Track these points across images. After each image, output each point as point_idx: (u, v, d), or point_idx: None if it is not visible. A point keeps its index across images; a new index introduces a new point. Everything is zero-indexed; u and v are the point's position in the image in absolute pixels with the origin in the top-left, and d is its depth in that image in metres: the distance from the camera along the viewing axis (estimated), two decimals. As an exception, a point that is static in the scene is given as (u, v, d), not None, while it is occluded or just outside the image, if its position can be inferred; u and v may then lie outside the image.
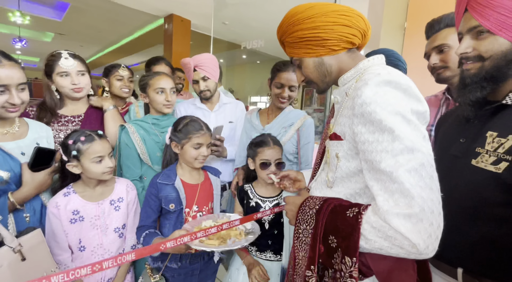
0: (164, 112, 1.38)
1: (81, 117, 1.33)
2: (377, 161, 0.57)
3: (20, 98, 0.98)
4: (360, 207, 0.61)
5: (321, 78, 0.77)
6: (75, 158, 1.02)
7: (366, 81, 0.61)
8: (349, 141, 0.67)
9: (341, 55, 0.74)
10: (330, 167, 0.75)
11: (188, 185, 1.18)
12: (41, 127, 1.16)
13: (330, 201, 0.68)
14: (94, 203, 1.09)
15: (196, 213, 1.18)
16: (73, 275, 0.63)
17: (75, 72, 1.26)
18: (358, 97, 0.61)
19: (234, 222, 0.88)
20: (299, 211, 0.73)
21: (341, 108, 0.72)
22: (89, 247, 1.08)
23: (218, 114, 1.65)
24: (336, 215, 0.64)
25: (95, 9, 5.21)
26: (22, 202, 1.01)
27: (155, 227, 1.16)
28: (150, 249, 0.74)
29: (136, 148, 1.29)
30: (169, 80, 1.37)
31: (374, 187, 0.59)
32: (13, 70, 0.95)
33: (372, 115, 0.58)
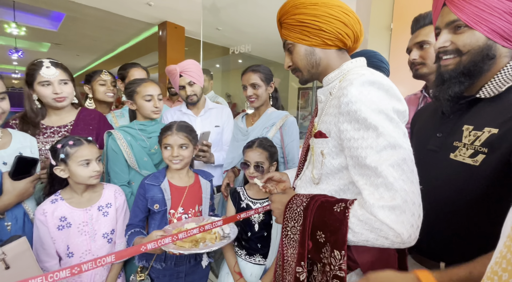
0: (153, 118, 1.40)
1: (67, 127, 1.33)
2: (363, 156, 0.60)
3: (1, 108, 1.00)
4: (346, 201, 0.64)
5: (308, 68, 0.78)
6: (62, 161, 1.03)
7: (351, 81, 0.64)
8: (334, 138, 0.69)
9: (332, 52, 0.76)
10: (315, 164, 0.77)
11: (175, 187, 1.20)
12: (24, 137, 1.17)
13: (317, 197, 0.70)
14: (81, 209, 1.10)
15: (182, 214, 1.19)
16: (52, 278, 0.63)
17: (57, 81, 1.25)
18: (344, 96, 0.63)
19: (217, 223, 0.88)
20: (286, 209, 0.74)
21: (325, 107, 0.75)
22: (77, 253, 1.08)
23: (204, 119, 1.69)
24: (324, 210, 0.66)
25: (91, 18, 5.26)
26: (3, 211, 1.02)
27: (142, 226, 1.18)
28: (130, 251, 0.74)
29: (123, 153, 1.30)
30: (156, 87, 1.39)
31: (359, 181, 0.62)
32: None
33: (357, 114, 0.61)
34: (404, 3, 2.23)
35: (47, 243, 1.04)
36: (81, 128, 1.36)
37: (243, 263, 1.24)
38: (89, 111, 1.44)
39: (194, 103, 1.65)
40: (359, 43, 0.79)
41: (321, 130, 0.73)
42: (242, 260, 1.24)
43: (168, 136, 1.19)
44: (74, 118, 1.37)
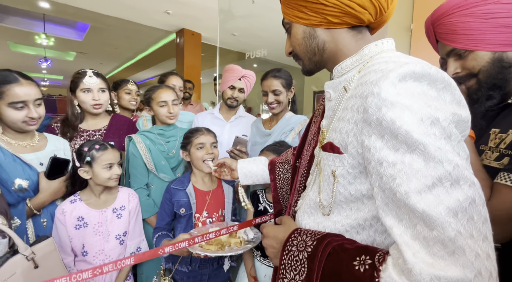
0: (168, 123, 1.44)
1: (101, 132, 1.43)
2: (402, 192, 0.40)
3: (37, 113, 1.07)
4: (373, 255, 0.44)
5: (308, 54, 0.60)
6: (88, 163, 1.10)
7: (384, 72, 0.43)
8: (354, 156, 0.49)
9: (341, 32, 0.56)
10: (322, 187, 0.57)
11: (200, 191, 1.23)
12: (58, 140, 1.26)
13: (327, 239, 0.50)
14: (97, 210, 1.15)
15: (206, 218, 1.21)
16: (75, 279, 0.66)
17: (97, 89, 1.37)
18: (372, 95, 0.43)
19: (233, 227, 0.89)
20: (283, 251, 0.55)
21: (338, 109, 0.55)
22: (91, 252, 1.13)
23: (233, 126, 1.71)
24: (338, 264, 0.46)
25: (113, 28, 5.51)
26: (39, 208, 1.09)
27: (168, 229, 1.21)
28: (148, 254, 0.76)
29: (142, 157, 1.35)
30: (171, 93, 1.43)
31: (395, 229, 0.42)
32: (30, 88, 1.05)
33: (395, 125, 0.40)
34: (425, 2, 2.16)
35: (64, 241, 1.10)
36: (112, 132, 1.45)
37: (258, 264, 1.25)
38: (120, 117, 1.53)
39: (231, 107, 1.68)
40: (388, 15, 0.56)
41: (332, 141, 0.53)
42: (257, 260, 1.25)
43: (201, 136, 1.23)
44: (107, 124, 1.46)
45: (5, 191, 1.00)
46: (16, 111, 1.03)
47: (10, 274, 0.81)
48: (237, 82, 1.63)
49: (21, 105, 1.03)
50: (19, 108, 1.03)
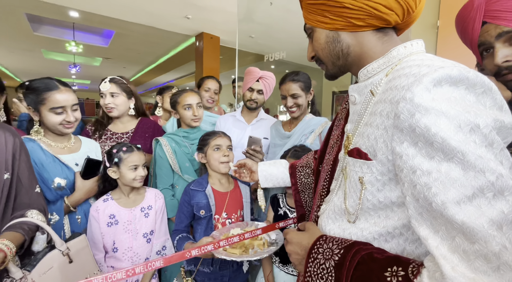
0: (193, 126, 1.47)
1: (129, 134, 1.51)
2: (439, 202, 0.37)
3: (74, 117, 1.16)
4: (406, 266, 0.41)
5: (331, 59, 0.58)
6: (116, 164, 1.16)
7: (417, 76, 0.41)
8: (383, 163, 0.47)
9: (366, 34, 0.54)
10: (348, 193, 0.55)
11: (218, 193, 1.25)
12: (91, 142, 1.35)
13: (356, 248, 0.48)
14: (127, 209, 1.21)
15: (225, 219, 1.23)
16: (110, 279, 0.70)
17: (109, 93, 1.44)
18: (405, 101, 0.41)
19: (256, 231, 0.89)
20: (309, 258, 0.54)
21: (364, 114, 0.54)
22: (121, 249, 1.19)
23: (254, 129, 1.73)
24: (368, 275, 0.44)
25: (136, 33, 5.74)
26: (75, 205, 1.17)
27: (187, 231, 1.23)
28: (176, 257, 0.78)
29: (168, 159, 1.39)
30: (195, 96, 1.47)
31: (431, 240, 0.39)
32: (68, 94, 1.14)
33: (430, 132, 0.38)
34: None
35: (97, 237, 1.16)
36: (139, 135, 1.52)
37: (276, 271, 1.24)
38: (147, 121, 1.60)
39: (251, 108, 1.70)
40: (416, 15, 0.54)
41: (359, 147, 0.52)
42: (276, 267, 1.24)
43: (218, 138, 1.26)
44: (135, 127, 1.54)
45: (46, 188, 1.08)
46: (56, 115, 1.11)
47: (48, 268, 0.86)
48: (255, 84, 1.65)
49: (60, 110, 1.12)
50: (58, 113, 1.11)
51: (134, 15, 4.69)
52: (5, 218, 0.80)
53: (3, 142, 0.80)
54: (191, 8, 4.39)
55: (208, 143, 1.25)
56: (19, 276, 0.77)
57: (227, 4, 4.14)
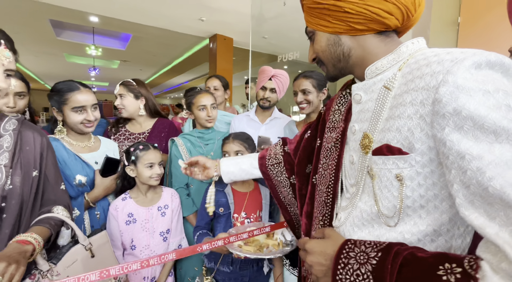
0: (207, 126, 1.50)
1: (145, 134, 1.56)
2: (497, 187, 0.35)
3: (94, 116, 1.21)
4: (461, 262, 0.39)
5: (333, 61, 0.59)
6: (133, 162, 1.20)
7: (457, 61, 0.41)
8: (424, 153, 0.45)
9: (368, 37, 0.55)
10: (380, 195, 0.52)
11: (238, 193, 1.27)
12: (109, 142, 1.40)
13: (394, 249, 0.45)
14: (145, 208, 1.24)
15: (244, 219, 1.25)
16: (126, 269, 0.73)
17: (118, 95, 1.53)
18: (447, 84, 0.40)
19: (265, 229, 0.90)
20: (337, 265, 0.49)
21: (383, 108, 0.52)
22: (139, 247, 1.22)
23: (268, 128, 1.73)
24: (417, 276, 0.41)
25: (151, 36, 5.90)
26: (94, 201, 1.22)
27: (208, 228, 1.26)
28: (188, 250, 0.81)
29: (183, 158, 1.42)
30: (210, 97, 1.49)
31: (489, 228, 0.37)
32: (88, 95, 1.20)
33: (480, 112, 0.37)
34: (475, -7, 1.98)
35: (116, 235, 1.20)
36: (155, 135, 1.57)
37: (287, 273, 1.24)
38: (163, 121, 1.64)
39: (265, 107, 1.71)
40: (415, 18, 0.55)
41: (389, 143, 0.49)
42: (286, 269, 1.24)
43: (226, 144, 1.28)
44: (151, 127, 1.59)
45: (68, 185, 1.14)
46: (77, 114, 1.17)
47: (72, 261, 0.91)
48: (267, 83, 1.66)
49: (81, 109, 1.17)
50: (79, 112, 1.17)
51: (151, 18, 4.82)
52: (33, 213, 0.84)
53: (32, 141, 0.85)
54: (206, 10, 4.46)
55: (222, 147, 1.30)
56: (46, 268, 0.81)
57: (240, 6, 4.18)
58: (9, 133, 0.80)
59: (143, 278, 1.23)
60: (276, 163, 0.95)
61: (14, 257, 0.66)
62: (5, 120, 0.82)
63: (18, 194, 0.78)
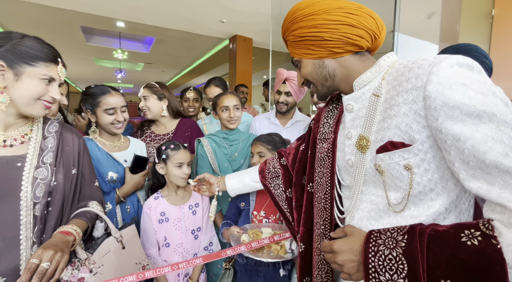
0: (229, 127, 1.51)
1: (169, 135, 1.63)
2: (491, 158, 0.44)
3: (123, 117, 1.30)
4: (477, 227, 0.45)
5: (321, 81, 0.69)
6: (163, 160, 1.25)
7: (435, 64, 0.49)
8: (424, 141, 0.52)
9: (347, 58, 0.65)
10: (391, 186, 0.58)
11: (261, 191, 1.29)
12: (137, 142, 1.48)
13: (418, 229, 0.50)
14: (176, 207, 1.29)
15: (263, 218, 1.27)
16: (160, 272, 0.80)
17: (142, 98, 1.61)
18: (432, 83, 0.48)
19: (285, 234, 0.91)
20: (366, 256, 0.53)
21: (376, 113, 0.60)
22: (172, 244, 1.27)
23: (289, 131, 1.70)
24: (445, 247, 0.46)
25: (174, 39, 6.09)
26: (125, 196, 1.30)
27: (234, 219, 1.32)
28: (213, 255, 0.87)
29: (208, 158, 1.47)
30: (233, 98, 1.50)
31: (492, 193, 0.45)
32: (118, 97, 1.29)
33: (463, 102, 0.46)
34: (510, -17, 1.85)
35: (150, 233, 1.26)
36: (179, 135, 1.64)
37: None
38: (185, 121, 1.70)
39: (282, 112, 1.69)
40: (380, 40, 0.67)
41: (392, 140, 0.56)
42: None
43: (253, 146, 1.34)
44: (175, 127, 1.66)
45: (101, 181, 1.22)
46: (109, 116, 1.26)
47: (106, 252, 0.98)
48: (281, 86, 1.62)
49: (112, 111, 1.26)
50: (110, 114, 1.26)
51: (173, 22, 4.98)
52: (72, 207, 0.92)
53: (71, 142, 0.93)
54: (226, 12, 4.53)
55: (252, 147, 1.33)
56: (84, 257, 0.88)
57: (260, 7, 4.20)
58: (52, 135, 0.88)
59: (177, 274, 1.28)
60: (275, 176, 1.02)
61: (59, 245, 0.73)
62: (48, 123, 0.90)
63: (61, 189, 0.85)
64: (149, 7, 4.31)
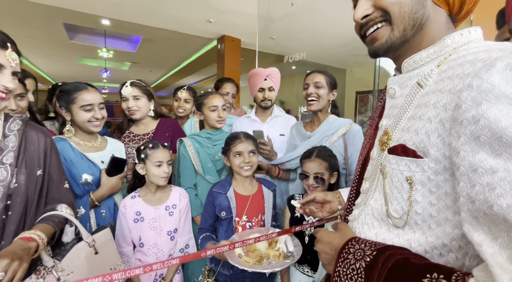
0: (217, 127, 1.50)
1: (149, 135, 1.58)
2: (504, 205, 0.33)
3: (101, 114, 1.24)
4: (449, 274, 0.37)
5: (407, 22, 0.49)
6: (142, 160, 1.22)
7: (489, 62, 0.36)
8: (438, 160, 0.43)
9: (442, 13, 0.50)
10: (390, 195, 0.51)
11: (240, 196, 1.26)
12: (116, 142, 1.43)
13: (389, 251, 0.45)
14: (152, 207, 1.25)
15: (246, 222, 1.24)
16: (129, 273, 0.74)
17: (131, 97, 1.51)
18: (470, 89, 0.37)
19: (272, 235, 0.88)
20: (338, 258, 0.51)
21: (409, 106, 0.49)
22: (147, 245, 1.24)
23: (270, 127, 1.74)
24: (403, 279, 0.40)
25: (161, 38, 5.98)
26: (100, 200, 1.24)
27: (211, 230, 1.27)
28: (192, 256, 0.80)
29: (191, 159, 1.43)
30: (221, 99, 1.51)
31: (486, 246, 0.35)
32: (95, 94, 1.23)
33: (500, 124, 0.33)
34: (487, -11, 1.91)
35: (125, 231, 1.22)
36: (159, 135, 1.59)
37: (292, 270, 1.24)
38: (166, 121, 1.66)
39: (268, 107, 1.72)
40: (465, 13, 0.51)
41: (405, 143, 0.47)
42: (292, 266, 1.23)
43: (239, 144, 1.25)
44: (155, 127, 1.60)
45: (74, 184, 1.16)
46: (85, 112, 1.20)
47: (76, 258, 0.92)
48: (264, 83, 1.66)
49: (89, 107, 1.21)
50: (87, 110, 1.20)
51: (160, 21, 4.89)
52: (38, 211, 0.87)
53: (36, 141, 0.87)
54: (214, 12, 4.49)
55: (230, 148, 1.26)
56: (50, 264, 0.83)
57: (248, 7, 4.18)
58: (14, 134, 0.82)
59: (151, 275, 1.25)
60: None
61: (17, 253, 0.68)
62: (9, 121, 0.84)
63: (23, 192, 0.80)
64: (135, 5, 4.21)
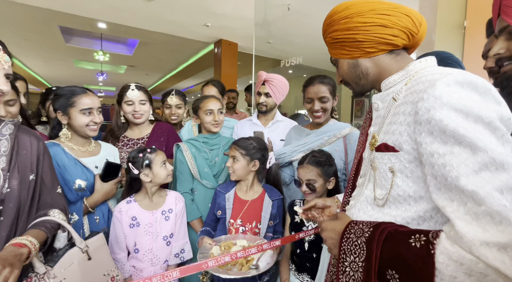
0: (213, 131, 1.49)
1: (144, 140, 1.56)
2: (453, 176, 0.48)
3: (99, 119, 1.24)
4: (427, 233, 0.51)
5: (355, 80, 0.73)
6: (147, 166, 1.21)
7: (432, 82, 0.53)
8: (409, 152, 0.58)
9: (381, 57, 0.68)
10: (378, 183, 0.65)
11: (239, 199, 1.27)
12: (110, 147, 1.41)
13: (382, 226, 0.58)
14: (149, 212, 1.24)
15: (239, 226, 1.24)
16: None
17: (138, 101, 1.50)
18: (422, 100, 0.53)
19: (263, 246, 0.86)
20: (342, 239, 0.64)
21: (388, 115, 0.65)
22: (142, 250, 1.22)
23: (271, 131, 1.73)
24: (396, 244, 0.54)
25: (158, 42, 5.99)
26: (93, 206, 1.22)
27: (213, 226, 1.30)
28: (192, 268, 0.80)
29: (188, 164, 1.42)
30: (217, 102, 1.50)
31: (447, 208, 0.50)
32: (94, 98, 1.23)
33: (443, 122, 0.49)
34: (480, -4, 1.96)
35: (120, 237, 1.20)
36: (154, 140, 1.57)
37: (292, 278, 1.22)
38: (161, 125, 1.64)
39: (263, 112, 1.72)
40: (420, 37, 0.67)
41: (386, 142, 0.62)
42: (292, 274, 1.22)
43: (229, 149, 1.32)
44: (150, 132, 1.59)
45: (67, 189, 1.14)
46: (85, 116, 1.20)
47: (69, 264, 0.90)
48: (261, 88, 1.66)
49: (89, 111, 1.20)
50: (87, 114, 1.20)
51: (157, 24, 4.90)
52: (30, 216, 0.85)
53: (29, 145, 0.86)
54: (210, 16, 4.51)
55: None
56: (42, 271, 0.81)
57: (245, 11, 4.21)
58: (6, 138, 0.81)
59: None
60: None
61: (9, 260, 0.66)
62: (1, 125, 0.83)
63: (15, 197, 0.78)
64: (132, 8, 4.21)
